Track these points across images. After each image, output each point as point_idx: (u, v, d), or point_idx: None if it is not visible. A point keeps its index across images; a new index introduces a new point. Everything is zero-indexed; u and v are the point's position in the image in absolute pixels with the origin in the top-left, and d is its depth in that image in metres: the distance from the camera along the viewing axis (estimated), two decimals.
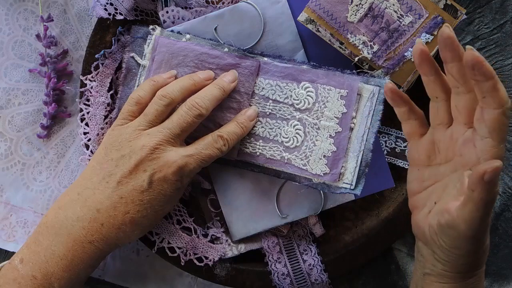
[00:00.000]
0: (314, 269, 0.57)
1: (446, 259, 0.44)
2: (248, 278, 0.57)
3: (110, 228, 0.49)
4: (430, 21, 0.53)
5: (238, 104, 0.55)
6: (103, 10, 0.55)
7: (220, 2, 0.57)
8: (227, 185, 0.57)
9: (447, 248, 0.43)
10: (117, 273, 0.62)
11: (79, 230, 0.49)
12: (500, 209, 0.62)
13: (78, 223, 0.49)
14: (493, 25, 0.61)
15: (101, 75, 0.57)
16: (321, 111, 0.54)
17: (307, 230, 0.59)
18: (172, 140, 0.50)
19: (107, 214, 0.49)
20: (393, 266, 0.62)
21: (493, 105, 0.39)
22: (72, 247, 0.49)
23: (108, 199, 0.49)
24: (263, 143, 0.55)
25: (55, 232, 0.49)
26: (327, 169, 0.53)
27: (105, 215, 0.49)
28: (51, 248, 0.49)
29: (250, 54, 0.55)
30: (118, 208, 0.49)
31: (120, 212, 0.49)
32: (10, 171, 0.62)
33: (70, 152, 0.62)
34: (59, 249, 0.49)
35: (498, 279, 0.62)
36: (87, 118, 0.57)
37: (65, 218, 0.50)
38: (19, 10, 0.62)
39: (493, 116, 0.39)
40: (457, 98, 0.43)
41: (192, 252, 0.56)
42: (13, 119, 0.62)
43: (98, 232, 0.49)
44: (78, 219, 0.49)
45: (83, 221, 0.49)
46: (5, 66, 0.62)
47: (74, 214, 0.50)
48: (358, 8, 0.53)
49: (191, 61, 0.54)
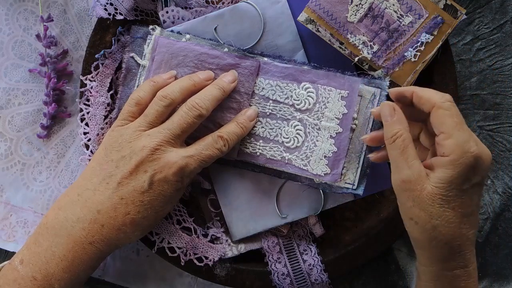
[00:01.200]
0: (314, 269, 0.57)
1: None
2: (248, 278, 0.57)
3: (110, 229, 0.49)
4: (430, 21, 0.53)
5: (238, 104, 0.55)
6: (103, 10, 0.55)
7: (220, 2, 0.57)
8: (227, 185, 0.57)
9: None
10: (117, 273, 0.62)
11: (79, 231, 0.49)
12: (500, 209, 0.62)
13: (78, 224, 0.49)
14: (493, 25, 0.61)
15: (101, 75, 0.57)
16: (321, 111, 0.54)
17: (307, 230, 0.59)
18: (173, 141, 0.50)
19: (107, 215, 0.49)
20: (393, 266, 0.62)
21: (427, 108, 0.46)
22: (72, 248, 0.49)
23: (109, 200, 0.49)
24: (263, 143, 0.55)
25: (55, 233, 0.49)
26: (327, 169, 0.53)
27: (105, 216, 0.49)
28: (51, 249, 0.49)
29: (250, 54, 0.55)
30: (119, 209, 0.49)
31: (120, 213, 0.49)
32: (10, 171, 0.62)
33: (70, 152, 0.62)
34: (59, 250, 0.49)
35: (498, 279, 0.62)
36: (87, 118, 0.57)
37: (65, 219, 0.50)
38: (19, 10, 0.62)
39: (433, 116, 0.45)
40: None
41: (192, 252, 0.56)
42: (13, 119, 0.62)
43: (98, 233, 0.49)
44: (78, 220, 0.49)
45: (83, 222, 0.49)
46: (5, 66, 0.62)
47: (74, 215, 0.49)
48: (358, 8, 0.53)
49: (191, 61, 0.54)
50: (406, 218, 0.46)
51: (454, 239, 0.44)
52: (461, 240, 0.44)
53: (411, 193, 0.44)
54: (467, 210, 0.44)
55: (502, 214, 0.62)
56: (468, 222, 0.44)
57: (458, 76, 0.61)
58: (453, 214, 0.43)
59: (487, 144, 0.62)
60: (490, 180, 0.62)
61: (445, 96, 0.45)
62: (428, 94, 0.46)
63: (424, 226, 0.44)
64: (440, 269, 0.45)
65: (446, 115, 0.44)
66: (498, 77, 0.62)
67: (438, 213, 0.43)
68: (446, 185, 0.43)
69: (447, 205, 0.43)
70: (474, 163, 0.43)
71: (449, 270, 0.45)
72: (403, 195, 0.45)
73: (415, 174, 0.44)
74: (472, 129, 0.62)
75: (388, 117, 0.47)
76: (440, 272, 0.45)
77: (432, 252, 0.45)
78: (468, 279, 0.45)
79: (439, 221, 0.43)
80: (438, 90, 0.56)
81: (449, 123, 0.44)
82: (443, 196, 0.43)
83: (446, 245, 0.44)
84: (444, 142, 0.44)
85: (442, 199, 0.43)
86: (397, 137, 0.46)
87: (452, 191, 0.43)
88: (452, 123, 0.44)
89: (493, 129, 0.62)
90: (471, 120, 0.62)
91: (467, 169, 0.43)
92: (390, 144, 0.46)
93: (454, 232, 0.44)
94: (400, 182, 0.45)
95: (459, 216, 0.44)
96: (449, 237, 0.44)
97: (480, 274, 0.63)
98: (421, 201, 0.44)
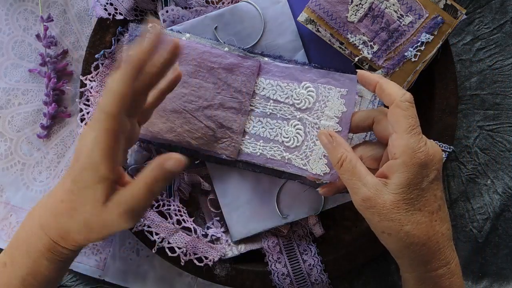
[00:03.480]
0: (314, 269, 0.57)
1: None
2: (248, 278, 0.57)
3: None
4: (430, 21, 0.53)
5: (239, 104, 0.55)
6: (103, 10, 0.55)
7: (220, 2, 0.57)
8: (227, 185, 0.57)
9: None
10: (117, 273, 0.62)
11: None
12: (500, 209, 0.62)
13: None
14: (493, 25, 0.61)
15: (101, 75, 0.57)
16: (321, 110, 0.54)
17: (307, 230, 0.58)
18: None
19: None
20: (393, 266, 0.62)
21: (386, 102, 0.45)
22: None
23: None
24: (263, 143, 0.55)
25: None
26: (327, 169, 0.53)
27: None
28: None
29: (250, 54, 0.55)
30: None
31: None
32: (10, 171, 0.62)
33: (70, 152, 0.62)
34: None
35: (498, 279, 0.62)
36: (87, 118, 0.57)
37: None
38: (19, 10, 0.62)
39: (390, 112, 0.45)
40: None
41: (192, 252, 0.56)
42: (13, 119, 0.62)
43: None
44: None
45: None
46: (5, 66, 0.62)
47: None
48: (358, 8, 0.53)
49: (193, 59, 0.54)
50: (378, 232, 0.45)
51: (429, 239, 0.44)
52: (437, 237, 0.44)
53: (375, 209, 0.44)
54: (433, 206, 0.44)
55: (502, 214, 0.62)
56: (438, 218, 0.44)
57: (458, 76, 0.61)
58: (421, 214, 0.44)
59: (487, 144, 0.62)
60: (490, 180, 0.62)
61: (405, 95, 0.44)
62: (390, 89, 0.45)
63: (397, 235, 0.44)
64: (423, 272, 0.45)
65: (401, 115, 0.44)
66: (498, 77, 0.62)
67: (407, 218, 0.43)
68: (405, 188, 0.43)
69: (413, 207, 0.43)
70: (425, 161, 0.43)
71: (432, 271, 0.45)
72: (368, 213, 0.44)
73: (371, 189, 0.44)
74: (472, 129, 0.62)
75: (328, 145, 0.47)
76: (424, 275, 0.45)
77: (412, 258, 0.45)
78: (452, 276, 0.45)
79: (409, 226, 0.43)
80: (438, 90, 0.56)
81: (402, 124, 0.44)
82: (406, 200, 0.43)
83: (424, 246, 0.44)
84: (395, 143, 0.44)
85: (406, 203, 0.43)
86: (343, 160, 0.46)
87: (413, 193, 0.43)
88: (406, 125, 0.44)
89: (493, 129, 0.62)
90: (471, 120, 0.62)
91: (420, 168, 0.43)
92: (339, 169, 0.46)
93: (428, 232, 0.44)
94: (361, 202, 0.44)
95: (427, 214, 0.44)
96: (425, 238, 0.44)
97: (480, 274, 0.63)
98: (387, 213, 0.43)
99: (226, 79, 0.54)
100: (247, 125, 0.55)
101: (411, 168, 0.43)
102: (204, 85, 0.54)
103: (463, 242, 0.62)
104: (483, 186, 0.62)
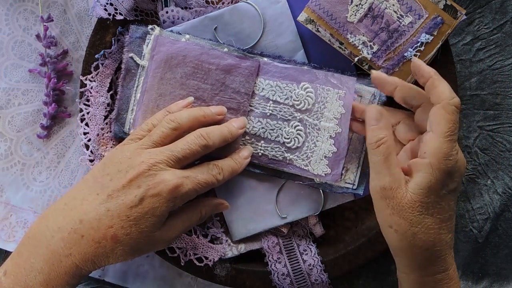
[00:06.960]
0: (314, 269, 0.57)
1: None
2: (248, 278, 0.57)
3: (89, 241, 0.46)
4: (430, 21, 0.53)
5: (238, 104, 0.55)
6: (103, 10, 0.55)
7: (220, 2, 0.57)
8: (227, 185, 0.57)
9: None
10: (117, 273, 0.62)
11: (58, 241, 0.46)
12: (500, 209, 0.62)
13: (58, 233, 0.46)
14: (493, 25, 0.61)
15: (101, 75, 0.57)
16: (320, 111, 0.54)
17: (307, 230, 0.59)
18: (172, 163, 0.48)
19: (89, 225, 0.46)
20: (393, 266, 0.62)
21: (433, 100, 0.45)
22: (49, 260, 0.46)
23: (94, 210, 0.46)
24: (265, 144, 0.55)
25: (35, 243, 0.47)
26: (328, 170, 0.53)
27: (87, 226, 0.46)
28: (30, 260, 0.46)
29: (250, 54, 0.55)
30: (102, 220, 0.46)
31: (103, 225, 0.46)
32: (10, 171, 0.62)
33: (70, 152, 0.62)
34: (38, 261, 0.46)
35: (498, 279, 0.62)
36: (87, 118, 0.57)
37: (46, 228, 0.47)
38: (19, 10, 0.62)
39: (433, 111, 0.44)
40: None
41: (192, 252, 0.56)
42: (13, 119, 0.62)
43: (76, 245, 0.46)
44: (59, 230, 0.46)
45: (63, 231, 0.46)
46: (5, 66, 0.62)
47: (55, 224, 0.47)
48: (358, 8, 0.53)
49: (190, 61, 0.54)
50: (384, 226, 0.45)
51: (434, 245, 0.44)
52: (441, 245, 0.44)
53: (391, 201, 0.44)
54: (445, 216, 0.44)
55: (502, 214, 0.62)
56: (446, 227, 0.45)
57: (458, 76, 0.61)
58: (432, 220, 0.44)
59: (487, 144, 0.62)
60: (490, 180, 0.62)
61: (455, 99, 0.44)
62: (442, 88, 0.45)
63: (404, 233, 0.44)
64: (421, 276, 0.45)
65: (444, 118, 0.44)
66: (498, 77, 0.62)
67: (418, 221, 0.43)
68: (425, 191, 0.43)
69: (426, 212, 0.43)
70: (451, 169, 0.43)
71: (430, 276, 0.45)
72: (382, 202, 0.45)
73: (396, 182, 0.44)
74: (472, 129, 0.62)
75: (373, 121, 0.47)
76: (421, 279, 0.45)
77: (412, 259, 0.45)
78: (450, 281, 0.45)
79: (418, 228, 0.43)
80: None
81: (443, 127, 0.43)
82: (422, 203, 0.43)
83: (426, 251, 0.44)
84: (428, 143, 0.44)
85: (421, 206, 0.43)
86: (382, 143, 0.45)
87: (430, 197, 0.43)
88: (446, 129, 0.43)
89: (493, 129, 0.62)
90: (471, 120, 0.62)
91: (445, 175, 0.43)
92: (374, 149, 0.46)
93: (434, 238, 0.44)
94: (380, 189, 0.44)
95: (438, 222, 0.44)
96: (429, 244, 0.44)
97: (480, 274, 0.63)
98: (401, 209, 0.43)
99: (224, 80, 0.54)
100: (247, 126, 0.55)
101: (435, 172, 0.43)
102: (202, 87, 0.54)
103: (463, 242, 0.62)
104: (483, 186, 0.62)
